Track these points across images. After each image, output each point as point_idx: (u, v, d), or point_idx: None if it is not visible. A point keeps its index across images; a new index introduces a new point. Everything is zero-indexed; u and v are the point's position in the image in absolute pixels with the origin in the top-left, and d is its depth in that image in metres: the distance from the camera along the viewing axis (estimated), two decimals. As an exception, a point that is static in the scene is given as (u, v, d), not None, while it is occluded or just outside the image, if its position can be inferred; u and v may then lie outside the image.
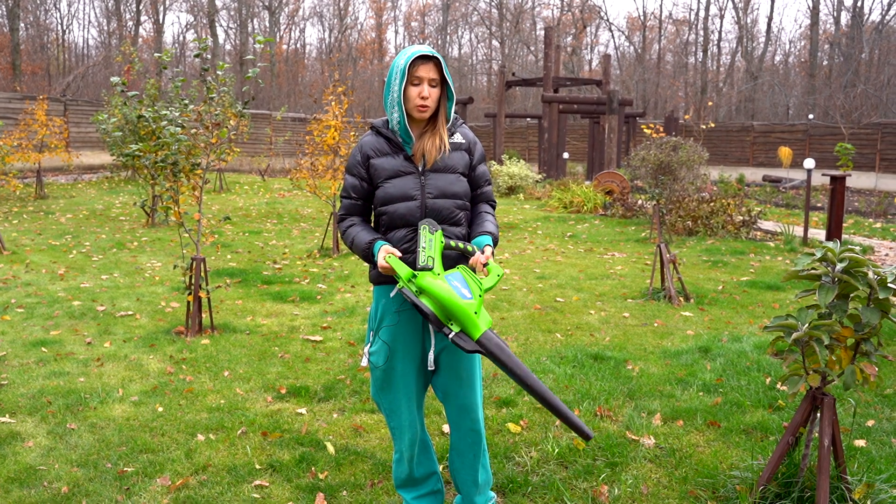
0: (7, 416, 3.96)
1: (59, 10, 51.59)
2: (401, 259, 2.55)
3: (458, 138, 2.72)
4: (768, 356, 4.99)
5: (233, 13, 46.11)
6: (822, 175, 10.82)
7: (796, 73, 43.73)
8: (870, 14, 46.75)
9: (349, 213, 2.74)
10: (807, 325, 2.76)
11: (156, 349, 5.21)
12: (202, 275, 5.54)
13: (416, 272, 2.42)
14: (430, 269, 2.40)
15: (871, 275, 2.70)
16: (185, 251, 6.62)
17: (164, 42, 43.36)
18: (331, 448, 3.58)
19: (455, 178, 2.67)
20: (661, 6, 53.29)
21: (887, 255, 9.75)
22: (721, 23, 50.13)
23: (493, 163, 19.79)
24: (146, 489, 3.18)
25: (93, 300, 6.63)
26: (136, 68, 9.91)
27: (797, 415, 2.94)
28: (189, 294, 5.52)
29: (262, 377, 4.63)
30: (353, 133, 9.39)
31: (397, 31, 56.50)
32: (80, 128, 23.22)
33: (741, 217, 11.15)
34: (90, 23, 56.62)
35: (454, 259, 2.60)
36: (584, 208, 14.19)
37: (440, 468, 3.08)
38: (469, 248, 2.53)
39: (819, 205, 16.69)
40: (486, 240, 2.60)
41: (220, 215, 12.71)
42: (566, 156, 22.41)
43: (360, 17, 67.82)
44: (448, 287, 2.35)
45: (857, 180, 23.51)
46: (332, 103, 9.09)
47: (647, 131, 11.16)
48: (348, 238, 2.69)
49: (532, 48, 47.66)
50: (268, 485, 3.23)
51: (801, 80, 41.25)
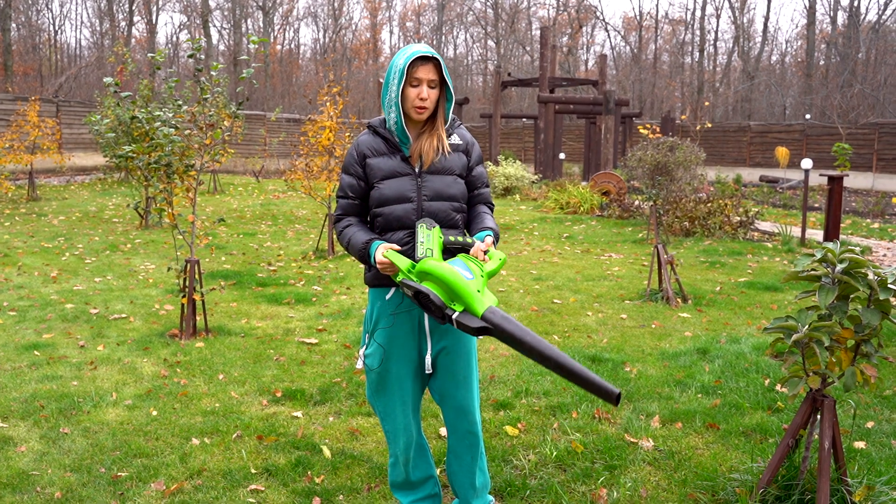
0: (-1, 420, 3.92)
1: (51, 11, 51.33)
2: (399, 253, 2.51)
3: (455, 139, 2.69)
4: (767, 357, 4.96)
5: (226, 13, 46.08)
6: (820, 175, 10.82)
7: (793, 72, 43.82)
8: (866, 14, 46.86)
9: (346, 213, 2.70)
10: (807, 326, 2.75)
11: (150, 352, 5.17)
12: (196, 277, 5.51)
13: (415, 263, 2.39)
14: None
15: (871, 276, 2.68)
16: (178, 253, 6.58)
17: (157, 42, 43.24)
18: (327, 452, 3.55)
19: (452, 180, 2.64)
20: (657, 6, 53.78)
21: (885, 255, 9.75)
22: (717, 22, 50.48)
23: (490, 164, 19.78)
24: (140, 494, 3.15)
25: (86, 303, 6.59)
26: (129, 69, 9.87)
27: (797, 417, 2.92)
28: (183, 296, 5.48)
29: (257, 380, 4.60)
30: (348, 134, 9.36)
31: (392, 32, 56.68)
32: (73, 129, 23.12)
33: (738, 218, 11.15)
34: (82, 23, 56.63)
35: (454, 254, 2.57)
36: (581, 209, 14.17)
37: (437, 472, 3.06)
38: (469, 240, 2.49)
39: (816, 205, 16.70)
40: (487, 232, 2.57)
41: (215, 217, 12.67)
42: (562, 156, 22.40)
43: (354, 17, 67.75)
44: (450, 266, 2.30)
45: (854, 180, 23.56)
46: (327, 104, 9.06)
47: (644, 132, 11.13)
48: (344, 239, 2.66)
49: (528, 48, 47.68)
50: (263, 489, 3.20)
51: (798, 79, 41.33)
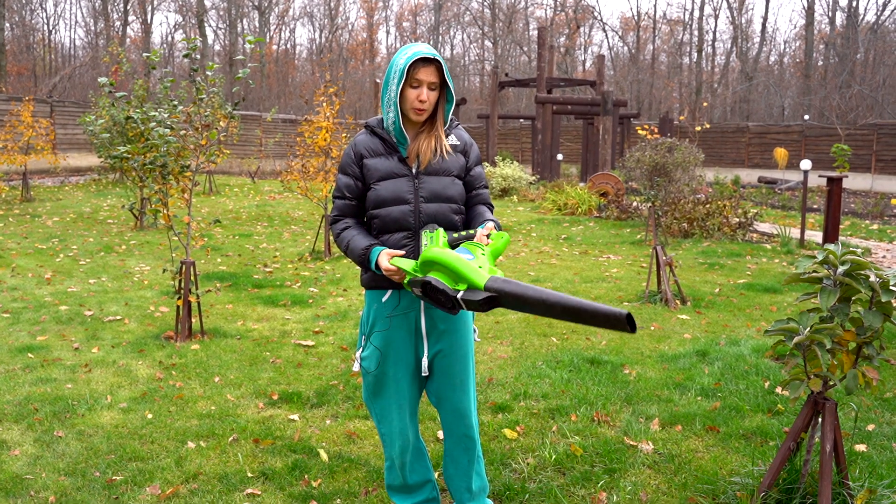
0: (-8, 424, 3.89)
1: (45, 10, 51.21)
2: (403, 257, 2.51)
3: (453, 140, 2.66)
4: (767, 360, 4.95)
5: (222, 13, 45.99)
6: (819, 176, 10.80)
7: (791, 73, 43.84)
8: (865, 14, 46.83)
9: (343, 213, 2.67)
10: (808, 328, 2.72)
11: (145, 355, 5.14)
12: (192, 279, 5.48)
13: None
14: None
15: (873, 278, 2.66)
16: (174, 255, 6.54)
17: (152, 42, 43.17)
18: (324, 455, 3.52)
19: (450, 182, 2.61)
20: (655, 6, 53.50)
21: (884, 256, 9.75)
22: (716, 23, 50.37)
23: (487, 164, 19.76)
24: (135, 498, 3.12)
25: (80, 305, 6.54)
26: (124, 69, 9.83)
27: (798, 420, 2.90)
28: (178, 298, 5.45)
29: (253, 383, 4.56)
30: (344, 134, 9.33)
31: (389, 32, 56.59)
32: (67, 129, 23.01)
33: (737, 219, 11.13)
34: (77, 23, 56.42)
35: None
36: (579, 210, 14.13)
37: (435, 475, 3.03)
38: (471, 232, 2.48)
39: (815, 206, 16.68)
40: (488, 223, 2.54)
41: (210, 218, 12.63)
42: (560, 157, 22.39)
43: (350, 17, 67.77)
44: (449, 251, 2.33)
45: (853, 181, 23.57)
46: (324, 104, 9.03)
47: (642, 132, 11.12)
48: (342, 242, 2.62)
49: (525, 48, 47.67)
50: (260, 493, 3.17)
51: (797, 80, 41.35)
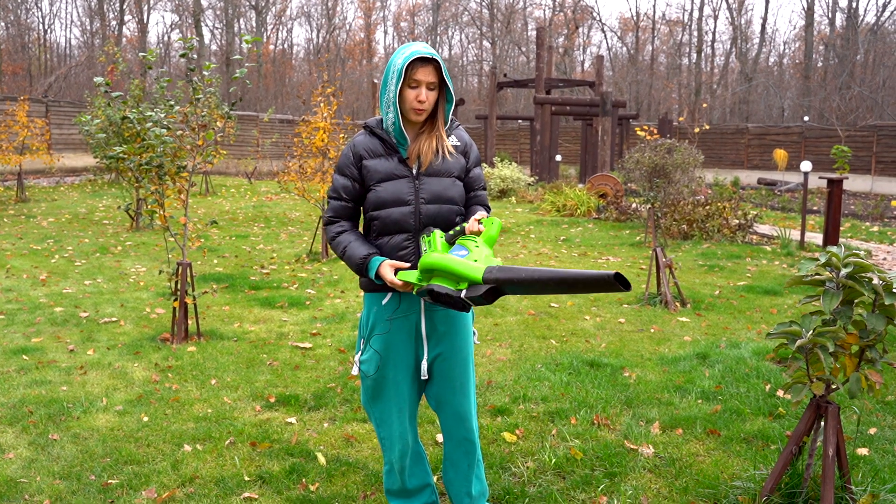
0: (-14, 427, 3.85)
1: (41, 10, 50.98)
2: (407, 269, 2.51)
3: (453, 141, 2.64)
4: (768, 362, 4.92)
5: (219, 13, 45.90)
6: (819, 178, 10.78)
7: (791, 74, 43.84)
8: (865, 15, 46.94)
9: (338, 215, 2.64)
10: (811, 331, 2.70)
11: (141, 357, 5.10)
12: (188, 280, 5.45)
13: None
14: None
15: (876, 280, 2.63)
16: (170, 256, 6.51)
17: (148, 42, 43.07)
18: (322, 459, 3.49)
19: (450, 183, 2.58)
20: (654, 7, 53.69)
21: (885, 258, 9.73)
22: (715, 24, 50.41)
23: (485, 165, 19.73)
24: (131, 502, 3.10)
25: (76, 306, 6.51)
26: (119, 69, 9.76)
27: (801, 423, 2.88)
28: (175, 300, 5.41)
29: (250, 385, 4.53)
30: (342, 135, 9.29)
31: (386, 32, 56.52)
32: (63, 129, 22.96)
33: (737, 220, 11.10)
34: (72, 22, 56.30)
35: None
36: (578, 212, 14.11)
37: (434, 479, 3.00)
38: (464, 225, 2.48)
39: (815, 208, 16.65)
40: (478, 212, 2.53)
41: (207, 219, 12.60)
42: (559, 158, 22.37)
43: (348, 17, 67.86)
44: (442, 254, 2.37)
45: (853, 183, 23.55)
46: (321, 105, 8.99)
47: (641, 133, 11.09)
48: (339, 247, 2.59)
49: (524, 49, 47.66)
50: (257, 497, 3.15)
51: (796, 81, 41.36)
